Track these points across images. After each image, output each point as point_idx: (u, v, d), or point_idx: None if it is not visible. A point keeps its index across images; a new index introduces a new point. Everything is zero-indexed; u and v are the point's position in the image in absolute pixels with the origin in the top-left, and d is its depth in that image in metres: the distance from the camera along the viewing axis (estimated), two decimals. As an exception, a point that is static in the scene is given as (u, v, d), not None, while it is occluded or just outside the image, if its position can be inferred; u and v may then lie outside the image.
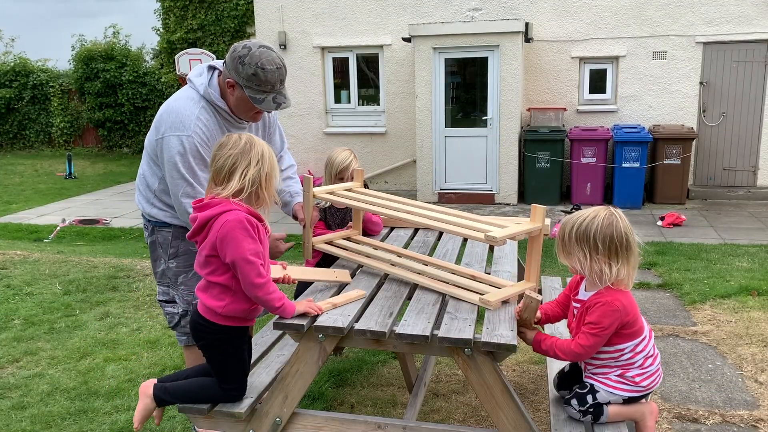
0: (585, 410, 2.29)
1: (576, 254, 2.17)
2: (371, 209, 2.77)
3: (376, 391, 3.69)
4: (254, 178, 2.20)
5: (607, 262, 2.14)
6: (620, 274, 2.16)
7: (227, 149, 2.21)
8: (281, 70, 2.66)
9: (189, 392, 2.34)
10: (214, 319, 2.25)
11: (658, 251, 6.58)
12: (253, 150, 2.22)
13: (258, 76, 2.60)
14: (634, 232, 2.18)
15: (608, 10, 9.57)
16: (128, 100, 16.08)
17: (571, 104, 9.91)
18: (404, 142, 10.52)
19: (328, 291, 2.56)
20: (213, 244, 2.17)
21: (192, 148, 2.67)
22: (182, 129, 2.67)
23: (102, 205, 10.39)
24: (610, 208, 2.19)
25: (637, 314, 2.23)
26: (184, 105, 2.74)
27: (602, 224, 2.13)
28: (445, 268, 2.75)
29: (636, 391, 2.29)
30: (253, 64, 2.59)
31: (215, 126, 2.76)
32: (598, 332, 2.16)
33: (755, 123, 9.48)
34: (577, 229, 2.16)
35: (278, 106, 2.70)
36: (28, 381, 3.85)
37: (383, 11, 10.28)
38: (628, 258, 2.16)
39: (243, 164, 2.20)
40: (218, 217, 2.16)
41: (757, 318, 4.60)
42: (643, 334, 2.27)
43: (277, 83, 2.66)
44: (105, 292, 5.51)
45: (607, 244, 2.13)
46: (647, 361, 2.28)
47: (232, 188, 2.18)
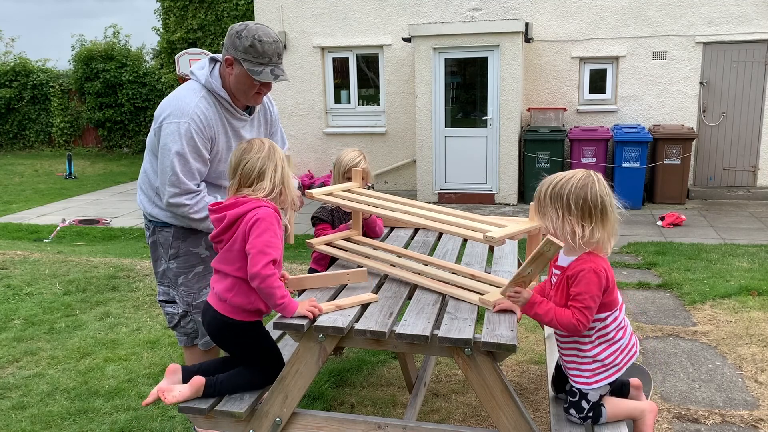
0: (584, 416, 2.29)
1: (549, 213, 2.13)
2: (370, 210, 2.77)
3: (376, 391, 3.69)
4: (281, 178, 2.37)
5: (579, 223, 2.09)
6: (594, 236, 2.09)
7: (253, 153, 2.34)
8: (278, 43, 2.70)
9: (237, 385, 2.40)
10: (244, 317, 2.34)
11: (658, 251, 6.58)
12: (277, 153, 2.38)
13: (255, 47, 2.63)
14: (613, 197, 2.12)
15: (608, 10, 9.57)
16: (128, 100, 16.08)
17: (571, 104, 9.91)
18: (404, 142, 10.52)
19: (328, 291, 2.56)
20: (245, 234, 2.26)
21: (188, 134, 2.67)
22: (180, 116, 2.68)
23: (102, 205, 10.40)
24: (591, 172, 2.14)
25: (614, 281, 2.18)
26: (185, 94, 2.76)
27: (577, 185, 2.09)
28: (445, 268, 2.75)
29: (614, 372, 2.24)
30: (250, 36, 2.63)
31: (215, 116, 2.76)
32: (589, 303, 2.09)
33: (755, 123, 9.48)
34: (552, 189, 2.12)
35: (276, 78, 2.71)
36: (28, 381, 3.85)
37: (383, 11, 10.29)
38: (603, 221, 2.09)
39: (271, 166, 2.35)
40: (250, 211, 2.27)
41: (757, 318, 4.60)
42: (618, 304, 2.23)
43: (274, 56, 2.68)
44: (105, 292, 5.51)
45: (579, 205, 2.07)
46: (619, 333, 2.23)
47: (266, 188, 2.32)
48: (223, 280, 2.35)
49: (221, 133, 2.80)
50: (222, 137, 2.80)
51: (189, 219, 2.77)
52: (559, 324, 2.14)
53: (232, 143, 2.83)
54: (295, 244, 7.30)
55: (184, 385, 2.34)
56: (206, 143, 2.73)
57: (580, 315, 2.11)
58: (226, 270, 2.34)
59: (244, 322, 2.35)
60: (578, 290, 2.10)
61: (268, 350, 2.43)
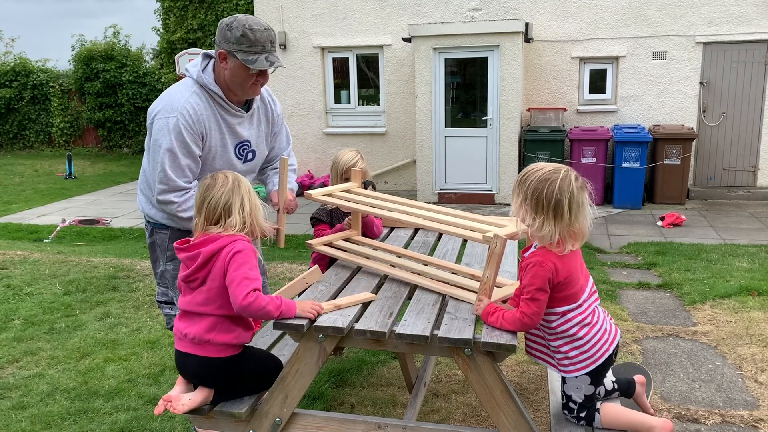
0: (577, 417, 2.28)
1: (515, 198, 2.17)
2: (370, 210, 2.77)
3: (376, 391, 3.69)
4: (250, 211, 2.31)
5: (530, 213, 2.11)
6: (542, 230, 2.10)
7: (217, 189, 2.27)
8: (270, 31, 2.66)
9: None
10: (232, 352, 2.28)
11: (658, 251, 6.58)
12: (242, 186, 2.32)
13: (247, 36, 2.60)
14: (580, 200, 2.11)
15: (608, 10, 9.57)
16: (128, 100, 16.08)
17: (571, 104, 9.91)
18: (404, 142, 10.52)
19: (328, 291, 2.56)
20: (224, 270, 2.19)
21: (176, 129, 2.64)
22: (170, 111, 2.67)
23: (102, 205, 10.40)
24: (567, 169, 2.14)
25: (571, 278, 2.15)
26: (176, 90, 2.76)
27: (539, 177, 2.11)
28: (445, 268, 2.75)
29: (583, 368, 2.20)
30: (241, 26, 2.60)
31: (207, 111, 2.73)
32: (534, 295, 2.11)
33: (755, 123, 9.48)
34: (522, 175, 2.17)
35: (271, 65, 2.66)
36: (28, 381, 3.85)
37: (383, 11, 10.29)
38: (554, 218, 2.08)
39: (237, 201, 2.28)
40: (227, 246, 2.22)
41: (757, 318, 4.60)
42: (578, 301, 2.18)
43: (267, 43, 2.64)
44: (105, 292, 5.51)
45: (534, 197, 2.09)
46: (582, 330, 2.18)
47: (235, 224, 2.26)
48: (199, 322, 2.26)
49: (214, 128, 2.76)
50: (215, 133, 2.77)
51: (177, 217, 2.75)
52: (509, 325, 2.16)
53: (227, 139, 2.81)
54: (294, 245, 7.31)
55: (194, 392, 2.31)
56: (196, 139, 2.70)
57: (524, 307, 2.13)
58: (204, 311, 2.25)
59: (234, 355, 2.28)
60: (524, 282, 2.15)
61: (264, 361, 2.42)
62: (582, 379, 2.23)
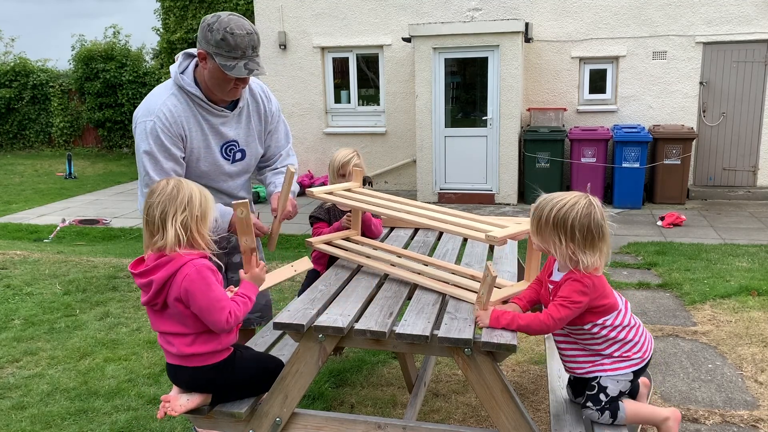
0: (602, 408, 2.27)
1: (551, 239, 2.18)
2: (370, 209, 2.77)
3: (376, 391, 3.69)
4: (185, 223, 2.14)
5: (582, 250, 2.14)
6: (595, 264, 2.16)
7: (155, 196, 2.15)
8: (252, 35, 2.55)
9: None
10: (221, 357, 2.26)
11: (658, 251, 6.58)
12: (180, 194, 2.15)
13: (227, 40, 2.50)
14: (607, 219, 2.18)
15: (608, 10, 9.57)
16: (128, 100, 16.08)
17: (571, 104, 9.91)
18: (404, 142, 10.52)
19: (328, 291, 2.56)
20: (184, 301, 2.13)
21: (153, 132, 2.60)
22: (147, 115, 2.63)
23: (102, 205, 10.39)
24: (589, 196, 2.19)
25: (606, 293, 2.21)
26: (156, 93, 2.71)
27: (581, 213, 2.12)
28: (445, 269, 2.75)
29: (633, 365, 2.27)
30: (222, 29, 2.50)
31: (186, 113, 2.67)
32: (568, 305, 2.15)
33: (755, 123, 9.48)
34: (555, 215, 2.15)
35: (250, 72, 2.57)
36: (28, 381, 3.85)
37: (383, 11, 10.29)
38: (602, 247, 2.16)
39: (171, 210, 2.13)
40: (177, 273, 2.11)
41: (757, 318, 4.60)
42: (616, 310, 2.24)
43: (248, 49, 2.54)
44: (105, 292, 5.51)
45: (584, 234, 2.12)
46: (630, 334, 2.26)
47: (169, 237, 2.11)
48: (178, 340, 2.21)
49: (194, 129, 2.70)
50: (197, 134, 2.71)
51: None
52: (526, 323, 2.18)
53: (210, 140, 2.75)
54: (294, 244, 7.31)
55: (192, 393, 2.30)
56: (176, 141, 2.64)
57: (554, 310, 2.16)
58: (178, 331, 2.20)
59: (224, 359, 2.26)
60: (562, 294, 2.19)
61: (259, 362, 2.41)
62: (626, 375, 2.27)
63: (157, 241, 2.14)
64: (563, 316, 2.16)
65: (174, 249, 2.13)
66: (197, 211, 2.17)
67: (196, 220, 2.17)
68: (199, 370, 2.24)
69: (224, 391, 2.32)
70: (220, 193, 2.85)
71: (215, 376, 2.27)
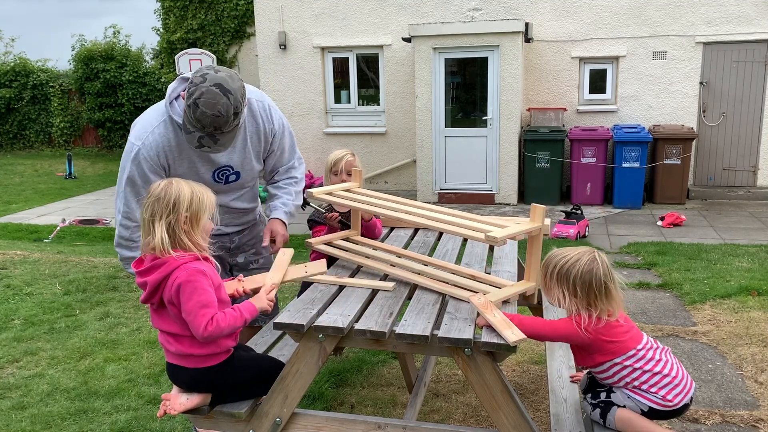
0: (596, 404, 2.27)
1: (555, 293, 2.25)
2: (370, 210, 2.77)
3: (376, 391, 3.69)
4: (171, 225, 2.13)
5: (585, 307, 2.19)
6: (602, 316, 2.19)
7: (148, 197, 2.17)
8: (220, 118, 2.44)
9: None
10: (220, 359, 2.26)
11: (658, 251, 6.58)
12: (167, 196, 2.13)
13: (191, 109, 2.44)
14: (615, 276, 2.21)
15: (608, 10, 9.57)
16: (128, 100, 16.07)
17: (571, 104, 9.91)
18: (404, 142, 10.52)
19: (328, 291, 2.56)
20: (175, 302, 2.14)
21: (136, 159, 2.62)
22: (137, 138, 2.64)
23: (102, 205, 10.39)
24: (595, 252, 2.23)
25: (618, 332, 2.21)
26: (149, 115, 2.70)
27: (583, 270, 2.18)
28: (445, 269, 2.75)
29: (660, 404, 2.20)
30: (193, 96, 2.43)
31: (173, 142, 2.65)
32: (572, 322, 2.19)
33: (755, 123, 9.48)
34: (558, 270, 2.22)
35: (200, 147, 2.51)
36: (28, 381, 3.85)
37: (383, 11, 10.29)
38: (608, 300, 2.19)
39: (158, 213, 2.13)
40: (170, 276, 2.13)
41: (757, 318, 4.60)
42: (628, 352, 2.21)
43: (208, 127, 2.46)
44: (105, 292, 5.51)
45: (585, 290, 2.18)
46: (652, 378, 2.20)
47: (156, 239, 2.12)
48: (177, 340, 2.23)
49: (181, 159, 2.69)
50: (183, 163, 2.70)
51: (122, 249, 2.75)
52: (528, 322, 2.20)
53: (199, 167, 2.74)
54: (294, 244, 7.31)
55: (192, 393, 2.30)
56: (157, 170, 2.64)
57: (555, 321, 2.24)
58: (177, 332, 2.21)
59: (223, 361, 2.26)
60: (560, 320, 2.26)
61: (259, 364, 2.41)
62: (640, 402, 2.21)
63: (149, 242, 2.16)
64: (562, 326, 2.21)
65: (164, 251, 2.13)
66: (186, 212, 2.15)
67: (183, 222, 2.15)
68: (198, 371, 2.25)
69: (223, 392, 2.32)
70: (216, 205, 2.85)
71: (213, 378, 2.27)
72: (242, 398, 2.35)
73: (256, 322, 3.18)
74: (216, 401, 2.33)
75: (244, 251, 3.13)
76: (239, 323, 2.19)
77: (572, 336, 2.21)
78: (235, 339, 2.33)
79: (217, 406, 2.32)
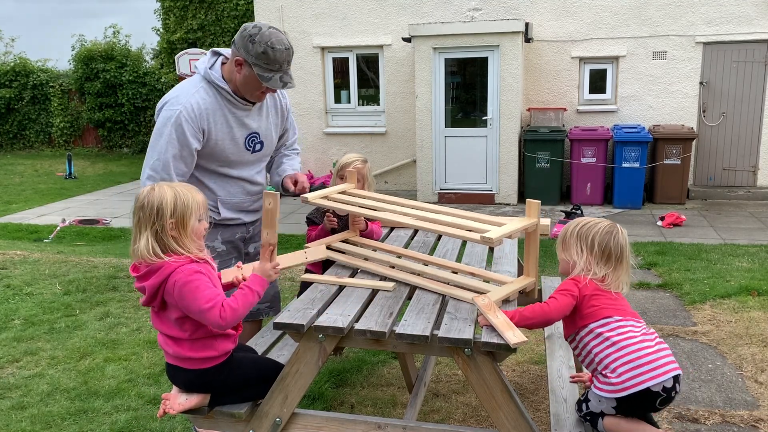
0: (584, 416, 2.33)
1: (573, 247, 2.35)
2: (366, 213, 2.75)
3: (376, 391, 3.69)
4: (158, 233, 2.13)
5: (597, 263, 2.30)
6: (606, 279, 2.29)
7: (135, 203, 2.17)
8: (289, 50, 2.75)
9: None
10: (218, 361, 2.26)
11: (658, 251, 6.58)
12: (150, 204, 2.12)
13: (267, 54, 2.67)
14: (630, 254, 2.35)
15: (608, 10, 9.57)
16: (128, 100, 16.08)
17: (571, 104, 9.91)
18: (404, 142, 10.52)
19: (328, 291, 2.56)
20: (177, 305, 2.14)
21: (177, 121, 2.72)
22: (175, 104, 2.76)
23: (102, 205, 10.40)
24: (617, 225, 2.37)
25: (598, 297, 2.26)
26: (184, 86, 2.84)
27: (603, 230, 2.33)
28: (445, 268, 2.75)
29: (626, 389, 2.12)
30: (264, 42, 2.67)
31: (214, 106, 2.82)
32: (561, 291, 2.27)
33: (755, 123, 9.48)
34: (581, 228, 2.36)
35: (285, 85, 2.77)
36: (28, 381, 3.85)
37: (383, 11, 10.28)
38: (616, 268, 2.31)
39: (143, 221, 2.13)
40: (168, 279, 2.12)
41: (757, 318, 4.60)
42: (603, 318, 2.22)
43: (284, 63, 2.73)
44: (105, 292, 5.51)
45: (602, 248, 2.30)
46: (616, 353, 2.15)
47: (141, 246, 2.12)
48: (176, 343, 2.23)
49: (220, 123, 2.84)
50: (222, 126, 2.85)
51: None
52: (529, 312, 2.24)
53: (235, 132, 2.89)
54: (294, 244, 7.31)
55: (191, 393, 2.30)
56: (196, 132, 2.77)
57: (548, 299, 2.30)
58: (176, 334, 2.21)
59: (220, 363, 2.26)
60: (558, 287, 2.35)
61: (258, 366, 2.40)
62: (608, 399, 2.19)
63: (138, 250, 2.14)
64: (559, 300, 2.25)
65: (148, 257, 2.11)
66: (171, 218, 2.13)
67: (170, 228, 2.13)
68: (195, 372, 2.25)
69: (222, 393, 2.32)
70: (241, 180, 3.01)
71: (211, 379, 2.27)
72: (242, 399, 2.35)
73: (260, 315, 3.20)
74: (215, 402, 2.33)
75: (255, 242, 3.20)
76: (253, 299, 2.19)
77: (568, 304, 2.26)
78: (234, 341, 2.33)
79: (217, 406, 2.32)
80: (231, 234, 3.04)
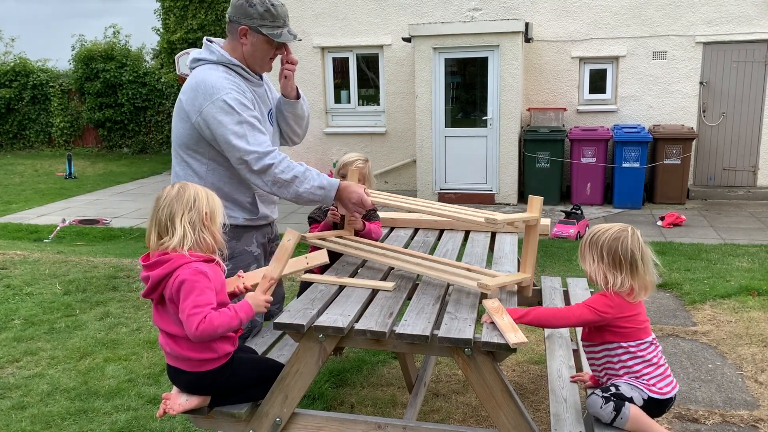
0: (608, 397, 2.23)
1: (587, 258, 2.36)
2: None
3: (376, 391, 3.69)
4: (193, 221, 2.16)
5: (611, 271, 2.29)
6: (624, 285, 2.27)
7: (162, 200, 2.19)
8: (285, 6, 2.77)
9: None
10: (219, 362, 2.25)
11: (658, 251, 6.51)
12: (186, 193, 2.18)
13: (270, 11, 2.67)
14: (647, 253, 2.32)
15: (608, 10, 9.57)
16: (128, 100, 16.08)
17: (571, 104, 9.91)
18: (404, 142, 10.52)
19: (328, 291, 2.56)
20: (172, 300, 2.14)
21: (234, 101, 2.61)
22: (216, 92, 2.60)
23: (102, 205, 10.39)
24: (630, 227, 2.35)
25: (632, 318, 2.29)
26: (207, 75, 2.67)
27: (610, 237, 2.31)
28: (446, 265, 2.75)
29: (656, 393, 2.27)
30: (262, 2, 2.66)
31: (242, 87, 2.72)
32: (589, 306, 2.27)
33: (755, 123, 9.48)
34: (591, 237, 2.36)
35: (295, 38, 2.77)
36: (28, 381, 3.85)
37: (383, 11, 10.28)
38: (632, 273, 2.28)
39: (179, 209, 2.16)
40: (173, 273, 2.12)
41: (757, 318, 4.60)
42: (639, 339, 2.30)
43: (286, 18, 2.75)
44: (105, 292, 5.51)
45: (611, 255, 2.29)
46: (648, 369, 2.30)
47: (178, 236, 2.14)
48: (177, 342, 2.21)
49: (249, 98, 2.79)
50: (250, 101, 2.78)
51: (279, 182, 2.64)
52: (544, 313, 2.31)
53: (261, 107, 2.84)
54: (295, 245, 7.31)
55: (192, 394, 2.30)
56: (246, 102, 2.69)
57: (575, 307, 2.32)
58: (174, 332, 2.19)
59: (222, 365, 2.25)
60: (587, 301, 2.34)
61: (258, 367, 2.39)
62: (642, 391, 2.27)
63: (165, 242, 2.16)
64: (581, 312, 2.27)
65: (180, 248, 2.14)
66: (205, 208, 2.20)
67: (204, 218, 2.19)
68: (195, 374, 2.24)
69: (222, 395, 2.32)
70: None
71: (211, 382, 2.27)
72: (242, 399, 2.35)
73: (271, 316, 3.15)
74: (215, 402, 2.33)
75: (278, 240, 3.13)
76: (234, 323, 2.14)
77: (590, 321, 2.28)
78: (234, 343, 2.31)
79: (217, 406, 2.32)
80: (262, 236, 2.99)
